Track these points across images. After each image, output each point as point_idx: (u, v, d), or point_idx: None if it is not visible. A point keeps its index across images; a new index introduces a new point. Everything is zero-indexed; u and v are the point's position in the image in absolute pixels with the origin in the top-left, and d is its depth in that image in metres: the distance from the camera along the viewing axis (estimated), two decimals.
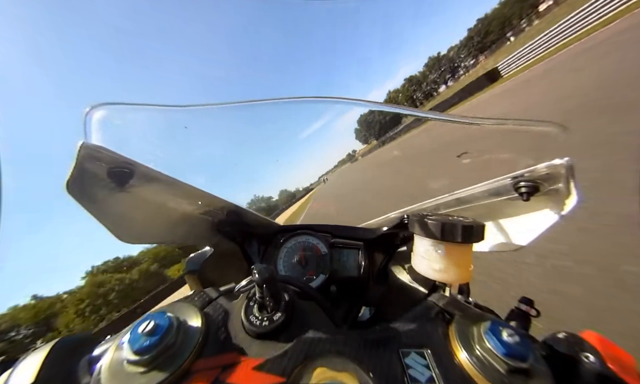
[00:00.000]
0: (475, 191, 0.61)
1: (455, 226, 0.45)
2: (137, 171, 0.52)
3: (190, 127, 18.07)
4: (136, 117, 0.56)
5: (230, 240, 0.87)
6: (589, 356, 0.33)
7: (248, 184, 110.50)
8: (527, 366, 0.31)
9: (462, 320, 0.38)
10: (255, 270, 0.36)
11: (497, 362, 0.31)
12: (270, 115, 76.77)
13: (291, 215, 21.00)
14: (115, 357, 0.32)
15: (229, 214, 0.82)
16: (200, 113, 0.60)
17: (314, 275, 0.81)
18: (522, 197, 0.52)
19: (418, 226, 0.51)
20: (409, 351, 0.33)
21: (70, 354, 0.36)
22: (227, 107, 0.61)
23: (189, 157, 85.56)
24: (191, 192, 0.66)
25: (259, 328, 0.35)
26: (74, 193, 0.47)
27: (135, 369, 0.30)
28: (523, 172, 0.51)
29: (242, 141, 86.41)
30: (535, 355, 0.33)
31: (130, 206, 0.59)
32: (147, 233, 0.69)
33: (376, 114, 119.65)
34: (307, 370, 0.31)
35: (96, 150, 0.45)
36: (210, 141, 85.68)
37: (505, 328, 0.33)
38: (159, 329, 0.32)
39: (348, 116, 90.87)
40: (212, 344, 0.34)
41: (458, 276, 0.48)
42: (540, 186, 0.51)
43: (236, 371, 0.30)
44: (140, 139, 0.60)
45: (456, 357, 0.33)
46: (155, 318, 0.34)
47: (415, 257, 0.54)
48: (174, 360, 0.31)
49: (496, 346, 0.31)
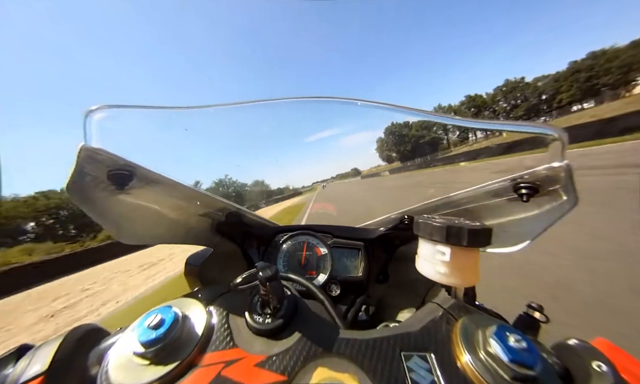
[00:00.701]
0: (475, 192, 0.61)
1: (462, 229, 0.44)
2: (137, 172, 0.53)
3: (190, 128, 18.06)
4: (136, 119, 0.57)
5: (230, 241, 0.88)
6: (602, 365, 0.32)
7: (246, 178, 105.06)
8: (534, 373, 0.29)
9: (467, 324, 0.37)
10: (259, 268, 0.37)
11: (502, 368, 0.30)
12: (281, 116, 73.76)
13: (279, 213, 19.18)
14: (123, 348, 0.33)
15: (229, 215, 0.83)
16: (201, 114, 0.61)
17: (314, 275, 0.82)
18: (521, 198, 0.52)
19: (423, 228, 0.50)
20: (411, 354, 0.33)
21: (81, 344, 0.38)
22: (227, 107, 0.61)
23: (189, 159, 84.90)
24: (191, 193, 0.66)
25: (262, 325, 0.36)
26: (75, 195, 0.48)
27: (141, 361, 0.31)
28: (523, 174, 0.51)
29: (242, 140, 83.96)
30: (544, 363, 0.31)
31: (130, 207, 0.60)
32: (147, 234, 0.70)
33: (415, 128, 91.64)
34: (308, 369, 0.31)
35: (96, 152, 0.46)
36: (210, 142, 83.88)
37: (512, 333, 0.32)
38: (164, 323, 0.33)
39: (356, 136, 77.95)
40: (216, 340, 0.34)
41: (464, 280, 0.47)
42: (540, 187, 0.51)
43: (239, 367, 0.31)
44: (140, 141, 0.61)
45: (460, 362, 0.32)
46: (161, 312, 0.35)
47: (420, 260, 0.53)
48: (178, 354, 0.32)
49: (502, 351, 0.31)
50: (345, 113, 44.54)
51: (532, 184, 0.51)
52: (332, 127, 74.34)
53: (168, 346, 0.32)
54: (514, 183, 0.53)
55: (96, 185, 0.51)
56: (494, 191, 0.58)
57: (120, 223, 0.60)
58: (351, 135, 75.55)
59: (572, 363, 0.34)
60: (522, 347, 0.31)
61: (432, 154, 72.10)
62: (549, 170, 0.46)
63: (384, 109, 0.54)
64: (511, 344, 0.31)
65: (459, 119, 0.57)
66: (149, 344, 0.31)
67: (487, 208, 0.65)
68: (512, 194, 0.55)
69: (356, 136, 78.99)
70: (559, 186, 0.49)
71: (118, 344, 0.34)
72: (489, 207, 0.64)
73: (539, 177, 0.49)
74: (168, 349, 0.32)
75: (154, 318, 0.34)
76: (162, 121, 0.59)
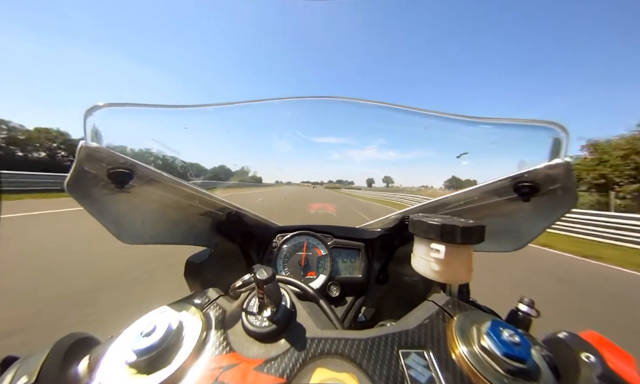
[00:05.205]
0: (475, 191, 0.61)
1: (455, 227, 0.45)
2: (137, 171, 0.53)
3: (190, 127, 18.03)
4: (136, 118, 0.57)
5: (230, 240, 0.87)
6: (590, 357, 0.33)
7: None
8: (527, 366, 0.30)
9: (462, 320, 0.38)
10: (255, 271, 0.36)
11: (497, 362, 0.31)
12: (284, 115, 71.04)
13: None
14: (115, 358, 0.32)
15: (228, 215, 0.82)
16: (201, 113, 0.61)
17: (314, 276, 0.82)
18: (522, 197, 0.52)
19: (418, 227, 0.51)
20: (409, 351, 0.33)
21: (71, 354, 0.36)
22: (227, 107, 0.61)
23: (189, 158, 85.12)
24: (191, 192, 0.66)
25: (259, 329, 0.35)
26: (74, 193, 0.47)
27: (135, 370, 0.30)
28: (523, 172, 0.51)
29: (242, 141, 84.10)
30: (536, 355, 0.33)
31: (130, 206, 0.60)
32: (147, 233, 0.69)
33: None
34: (306, 371, 0.31)
35: (96, 151, 0.46)
36: (210, 141, 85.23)
37: (506, 328, 0.33)
38: (158, 331, 0.32)
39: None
40: (212, 345, 0.34)
41: (458, 277, 0.48)
42: (540, 186, 0.51)
43: (236, 372, 0.30)
44: (140, 140, 0.60)
45: (456, 357, 0.33)
46: (155, 319, 0.34)
47: (415, 258, 0.54)
48: (173, 361, 0.31)
49: (496, 346, 0.31)
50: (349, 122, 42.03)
51: (532, 183, 0.51)
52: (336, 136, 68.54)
53: (162, 354, 0.31)
54: (514, 182, 0.53)
55: (96, 183, 0.51)
56: (493, 190, 0.58)
57: (120, 222, 0.59)
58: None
59: (562, 354, 0.36)
60: (514, 341, 0.32)
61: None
62: (549, 168, 0.46)
63: (384, 109, 0.55)
64: (504, 338, 0.32)
65: (457, 117, 0.56)
66: (142, 352, 0.30)
67: (487, 208, 0.65)
68: (512, 194, 0.55)
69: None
70: (559, 185, 0.49)
71: (110, 353, 0.33)
72: (489, 207, 0.65)
73: (539, 176, 0.49)
74: (163, 357, 0.31)
75: (147, 325, 0.33)
76: (162, 120, 0.59)
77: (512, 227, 0.66)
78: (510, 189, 0.55)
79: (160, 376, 0.30)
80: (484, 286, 3.61)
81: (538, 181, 0.50)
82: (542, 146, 0.47)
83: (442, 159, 0.83)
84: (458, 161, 0.63)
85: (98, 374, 0.31)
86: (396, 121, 0.66)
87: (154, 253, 3.96)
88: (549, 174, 0.48)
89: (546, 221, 0.57)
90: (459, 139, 0.61)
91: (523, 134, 0.51)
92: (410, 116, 0.62)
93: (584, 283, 4.38)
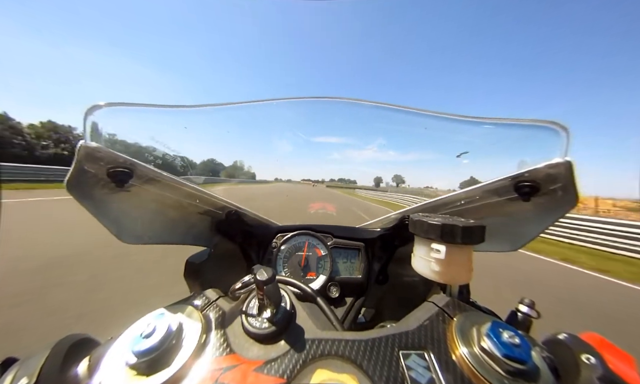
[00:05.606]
0: (475, 191, 0.61)
1: (455, 227, 0.45)
2: (136, 170, 0.52)
3: (190, 127, 18.09)
4: (136, 118, 0.57)
5: (229, 240, 0.87)
6: (590, 358, 0.33)
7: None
8: (527, 367, 0.30)
9: (463, 321, 0.37)
10: (255, 271, 0.36)
11: (497, 363, 0.31)
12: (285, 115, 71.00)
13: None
14: (115, 359, 0.32)
15: (228, 214, 0.82)
16: (201, 114, 0.61)
17: (314, 276, 0.81)
18: (522, 197, 0.52)
19: (418, 227, 0.51)
20: (409, 352, 0.33)
21: (70, 356, 0.36)
22: (227, 108, 0.61)
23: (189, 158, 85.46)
24: (191, 191, 0.66)
25: (259, 330, 0.35)
26: (74, 192, 0.47)
27: (135, 371, 0.30)
28: (524, 171, 0.51)
29: (242, 141, 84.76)
30: (536, 357, 0.33)
31: (130, 205, 0.60)
32: (146, 233, 0.69)
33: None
34: (306, 372, 0.31)
35: (96, 150, 0.46)
36: (210, 141, 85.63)
37: (506, 329, 0.33)
38: (158, 332, 0.32)
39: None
40: (213, 346, 0.34)
41: (458, 277, 0.48)
42: (541, 186, 0.51)
43: (236, 373, 0.30)
44: (140, 139, 0.61)
45: (456, 358, 0.33)
46: (155, 320, 0.34)
47: (415, 258, 0.53)
48: (173, 363, 0.31)
49: (496, 347, 0.31)
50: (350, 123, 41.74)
51: (532, 183, 0.50)
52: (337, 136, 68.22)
53: (162, 356, 0.31)
54: (515, 182, 0.53)
55: (96, 182, 0.51)
56: (494, 190, 0.58)
57: (120, 221, 0.59)
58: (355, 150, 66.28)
59: (562, 356, 0.35)
60: (514, 342, 0.32)
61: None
62: (550, 167, 0.46)
63: (384, 109, 0.55)
64: (504, 340, 0.32)
65: (457, 117, 0.56)
66: (142, 354, 0.30)
67: (488, 208, 0.65)
68: (512, 194, 0.55)
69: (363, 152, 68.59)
70: (560, 184, 0.48)
71: (110, 355, 0.33)
72: (489, 206, 0.64)
73: (540, 175, 0.49)
74: (163, 359, 0.31)
75: (147, 326, 0.33)
76: (162, 120, 0.59)
77: (512, 227, 0.65)
78: (510, 189, 0.55)
79: (160, 378, 0.30)
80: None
81: (538, 180, 0.50)
82: (543, 145, 0.47)
83: (443, 161, 0.83)
84: (462, 160, 0.62)
85: (98, 376, 0.31)
86: (396, 121, 0.66)
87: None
88: (549, 173, 0.48)
89: (546, 221, 0.56)
90: (460, 139, 0.61)
91: (524, 134, 0.51)
92: (410, 116, 0.62)
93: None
